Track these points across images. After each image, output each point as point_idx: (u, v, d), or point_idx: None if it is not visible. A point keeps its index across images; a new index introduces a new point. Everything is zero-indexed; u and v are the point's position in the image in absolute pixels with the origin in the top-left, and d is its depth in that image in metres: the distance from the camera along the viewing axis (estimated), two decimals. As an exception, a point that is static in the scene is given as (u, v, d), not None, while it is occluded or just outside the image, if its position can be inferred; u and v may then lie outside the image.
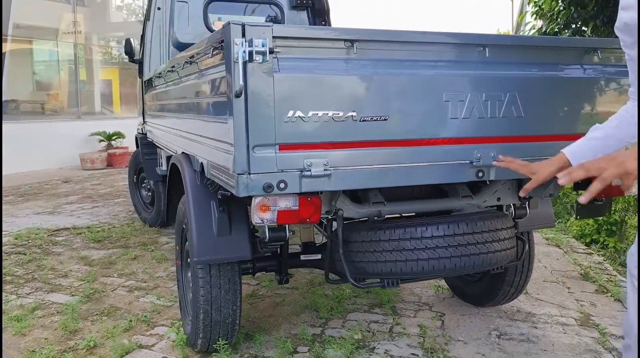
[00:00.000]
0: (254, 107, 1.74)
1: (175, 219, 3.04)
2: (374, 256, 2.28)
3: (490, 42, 2.06)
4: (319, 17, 5.42)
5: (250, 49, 1.68)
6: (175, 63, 2.70)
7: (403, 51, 1.95)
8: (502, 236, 2.34)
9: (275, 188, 1.81)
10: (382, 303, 3.47)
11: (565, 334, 3.06)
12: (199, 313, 2.57)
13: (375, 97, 1.90)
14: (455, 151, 2.04)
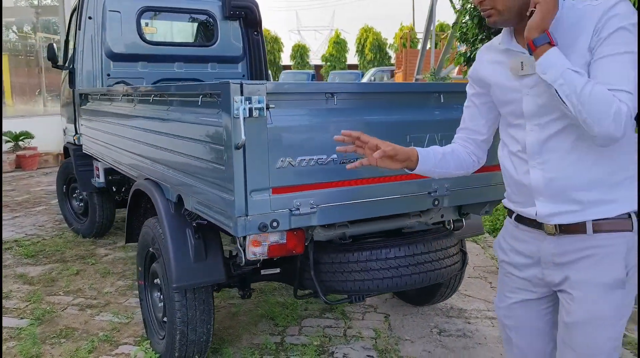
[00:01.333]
0: (252, 156, 1.94)
1: (139, 240, 3.14)
2: (343, 276, 2.55)
3: (445, 89, 2.38)
4: (251, 28, 5.57)
5: (250, 105, 1.87)
6: (146, 95, 2.78)
7: (374, 100, 2.22)
8: (451, 252, 2.70)
9: (269, 227, 2.02)
10: (332, 308, 3.76)
11: (494, 327, 3.51)
12: (175, 334, 2.72)
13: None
14: (417, 184, 2.34)
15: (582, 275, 1.53)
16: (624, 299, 1.53)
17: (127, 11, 5.04)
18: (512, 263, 1.73)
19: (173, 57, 5.34)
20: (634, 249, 1.52)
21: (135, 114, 3.00)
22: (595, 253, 1.52)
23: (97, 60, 4.97)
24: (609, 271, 1.51)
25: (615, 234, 1.51)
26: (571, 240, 1.54)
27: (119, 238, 5.47)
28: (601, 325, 1.53)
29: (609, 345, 1.54)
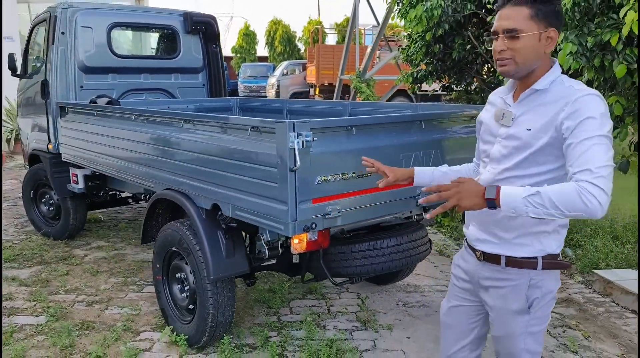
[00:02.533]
0: (300, 176, 2.59)
1: (158, 242, 3.65)
2: (347, 263, 3.27)
3: (425, 118, 3.15)
4: (210, 41, 6.08)
5: (303, 139, 2.53)
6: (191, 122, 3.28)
7: (380, 129, 2.95)
8: (424, 240, 3.51)
9: (310, 228, 2.69)
10: (312, 291, 4.46)
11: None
12: (207, 317, 3.30)
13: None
14: (407, 190, 3.09)
15: (495, 302, 1.99)
16: (530, 321, 1.94)
17: (98, 27, 5.38)
18: (456, 275, 2.20)
19: (140, 69, 5.74)
20: (536, 285, 1.91)
21: (166, 136, 3.50)
22: (504, 285, 1.94)
23: (70, 73, 5.27)
24: (513, 301, 1.94)
25: (521, 270, 1.90)
26: (491, 268, 1.97)
27: (92, 239, 5.81)
28: (513, 339, 1.98)
29: (522, 352, 1.98)
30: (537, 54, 1.82)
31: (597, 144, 1.66)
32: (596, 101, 1.74)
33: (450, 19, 4.19)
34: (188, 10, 5.98)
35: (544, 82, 1.85)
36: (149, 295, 4.36)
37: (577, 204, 1.60)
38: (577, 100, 1.74)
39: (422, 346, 3.58)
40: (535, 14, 1.79)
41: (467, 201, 1.73)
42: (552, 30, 1.82)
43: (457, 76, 4.76)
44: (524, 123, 1.87)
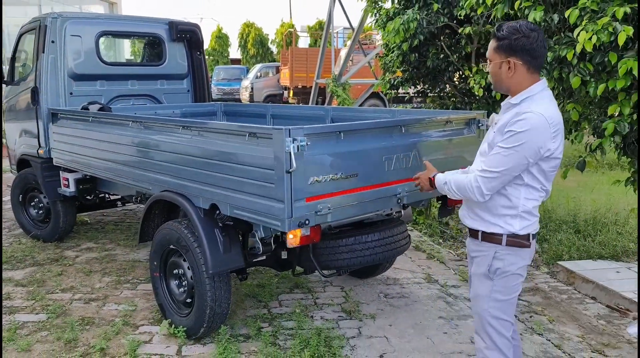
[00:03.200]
0: (296, 177, 2.87)
1: (155, 240, 3.88)
2: (335, 256, 3.57)
3: (405, 123, 3.47)
4: (194, 49, 6.32)
5: (297, 143, 2.81)
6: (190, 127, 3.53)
7: (365, 133, 3.25)
8: (405, 235, 3.83)
9: (304, 224, 2.97)
10: (298, 285, 4.74)
11: (421, 289, 4.72)
12: (205, 309, 3.55)
13: (351, 163, 3.16)
14: (389, 189, 3.40)
15: (473, 269, 2.54)
16: (493, 287, 2.44)
17: (86, 35, 5.56)
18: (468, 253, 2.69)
19: (127, 76, 5.94)
20: (499, 257, 2.40)
21: (166, 142, 3.73)
22: (479, 255, 2.48)
23: (60, 80, 5.45)
24: (481, 267, 2.47)
25: (490, 244, 2.42)
26: (474, 242, 2.51)
27: (81, 241, 5.98)
28: (480, 300, 2.50)
29: (486, 313, 2.47)
30: (501, 77, 2.36)
31: (502, 154, 2.26)
32: (530, 122, 2.20)
33: (425, 30, 4.52)
34: (173, 18, 6.20)
35: (518, 98, 2.33)
36: (143, 292, 4.58)
37: (467, 190, 2.38)
38: (521, 115, 2.24)
39: (403, 332, 3.89)
40: (498, 47, 2.33)
41: (423, 185, 2.71)
42: (510, 59, 2.30)
43: (431, 82, 5.11)
44: (495, 126, 2.42)
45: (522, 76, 2.31)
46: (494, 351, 2.51)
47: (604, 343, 3.82)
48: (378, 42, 11.92)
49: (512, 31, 2.29)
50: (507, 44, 2.29)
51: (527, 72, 2.31)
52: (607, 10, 2.67)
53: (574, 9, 2.81)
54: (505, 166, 2.26)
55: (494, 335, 2.50)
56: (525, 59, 2.29)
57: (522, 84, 2.32)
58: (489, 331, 2.51)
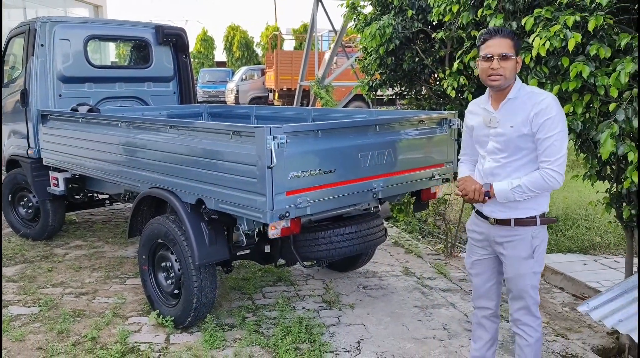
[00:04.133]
0: (276, 172, 3.09)
1: (144, 235, 4.07)
2: (315, 248, 3.79)
3: (379, 122, 3.71)
4: (180, 52, 6.51)
5: (278, 141, 3.03)
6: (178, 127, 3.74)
7: (343, 132, 3.48)
8: (380, 228, 4.07)
9: (284, 216, 3.19)
10: (281, 279, 4.96)
11: (399, 281, 4.95)
12: (192, 300, 3.75)
13: (329, 159, 3.38)
14: (364, 184, 3.63)
15: (508, 252, 2.71)
16: (535, 263, 2.70)
17: (75, 39, 5.73)
18: (473, 238, 2.91)
19: (115, 78, 6.12)
20: (537, 236, 2.67)
21: (154, 141, 3.93)
22: (514, 239, 2.68)
23: (49, 82, 5.61)
24: (522, 250, 2.68)
25: (525, 227, 2.65)
26: (503, 228, 2.70)
27: (70, 239, 6.14)
28: (522, 278, 2.72)
29: (528, 287, 2.73)
30: (514, 72, 2.62)
31: (556, 140, 2.51)
32: (552, 103, 2.54)
33: (400, 35, 4.75)
34: (160, 22, 6.39)
35: (514, 92, 2.63)
36: (132, 287, 4.76)
37: (544, 185, 2.55)
38: (540, 102, 2.54)
39: (380, 320, 4.12)
40: (514, 45, 2.59)
41: (469, 191, 2.71)
42: (519, 57, 2.63)
43: (408, 85, 5.35)
44: (507, 123, 2.63)
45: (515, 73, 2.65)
46: (528, 317, 2.82)
47: (567, 328, 4.08)
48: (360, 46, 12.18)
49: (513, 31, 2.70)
50: (519, 44, 2.63)
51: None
52: (559, 19, 2.93)
53: (530, 17, 3.07)
54: (565, 146, 2.55)
55: (531, 303, 2.79)
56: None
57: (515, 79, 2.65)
58: (529, 301, 2.78)
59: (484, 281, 2.97)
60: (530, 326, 2.84)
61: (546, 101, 2.54)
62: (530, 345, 2.85)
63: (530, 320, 2.83)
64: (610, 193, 3.61)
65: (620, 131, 2.95)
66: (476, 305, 3.07)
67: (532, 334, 2.84)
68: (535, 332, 2.85)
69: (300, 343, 3.72)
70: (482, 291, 3.00)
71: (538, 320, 2.85)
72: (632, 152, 2.94)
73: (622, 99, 2.94)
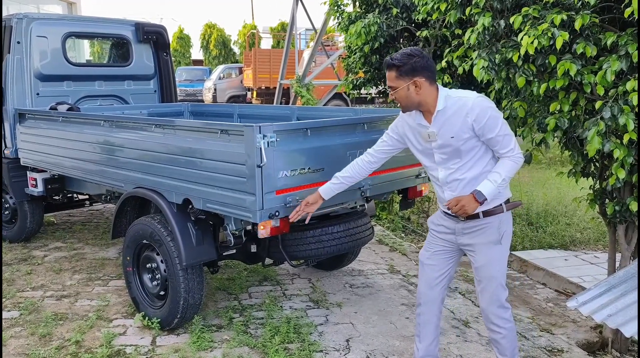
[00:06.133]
0: (266, 171, 3.06)
1: (129, 236, 4.00)
2: (303, 247, 3.77)
3: (367, 121, 3.70)
4: (161, 50, 6.43)
5: (268, 139, 3.00)
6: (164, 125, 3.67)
7: (331, 130, 3.47)
8: (368, 226, 4.07)
9: (274, 215, 3.17)
10: (267, 278, 4.93)
11: (385, 279, 4.96)
12: (179, 301, 3.70)
13: (318, 158, 3.36)
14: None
15: (477, 240, 2.81)
16: (502, 249, 2.82)
17: (52, 36, 5.61)
18: (436, 231, 2.99)
19: (94, 77, 6.01)
20: (504, 222, 2.79)
21: (138, 140, 3.86)
22: (482, 227, 2.78)
23: (26, 81, 5.48)
24: (490, 236, 2.79)
25: (493, 216, 2.77)
26: (471, 221, 2.79)
27: (49, 241, 6.01)
28: (492, 265, 2.82)
29: (498, 273, 2.83)
30: (410, 98, 2.71)
31: (504, 131, 2.65)
32: (483, 102, 2.65)
33: (385, 33, 4.77)
34: (139, 20, 6.29)
35: (440, 104, 2.69)
36: (115, 288, 4.68)
37: (516, 168, 2.70)
38: (472, 107, 2.62)
39: (368, 318, 4.12)
40: (399, 74, 2.69)
41: (471, 209, 2.70)
42: (415, 79, 2.66)
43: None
44: (446, 134, 2.71)
45: (427, 90, 2.69)
46: (498, 308, 2.89)
47: (551, 323, 4.13)
48: (340, 44, 12.19)
49: (406, 57, 2.67)
50: (408, 68, 2.66)
51: (430, 85, 2.70)
52: (547, 17, 2.96)
53: (518, 16, 3.09)
54: (509, 128, 2.70)
55: (501, 291, 2.87)
56: (427, 75, 2.69)
57: (430, 95, 2.70)
58: (498, 289, 2.86)
59: (436, 272, 3.03)
60: (502, 317, 2.90)
61: (476, 104, 2.62)
62: (505, 337, 2.92)
63: (501, 312, 2.90)
64: (594, 189, 3.66)
65: (606, 129, 2.99)
66: (423, 301, 3.09)
67: (504, 325, 2.91)
68: (507, 322, 2.92)
69: (289, 343, 3.70)
70: (433, 284, 3.04)
71: (508, 310, 2.92)
72: (618, 149, 2.98)
73: (608, 97, 2.98)
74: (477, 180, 2.73)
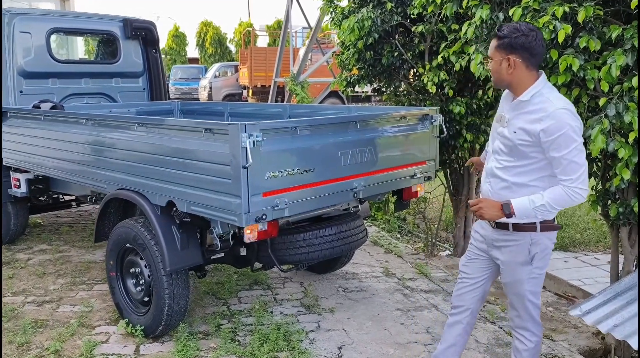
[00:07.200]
0: (252, 172, 2.89)
1: (112, 239, 3.84)
2: (293, 251, 3.60)
3: (359, 119, 3.54)
4: (150, 46, 6.25)
5: (254, 139, 2.84)
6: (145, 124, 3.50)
7: (321, 129, 3.30)
8: (361, 229, 3.90)
9: (261, 219, 3.00)
10: (258, 282, 4.76)
11: (379, 283, 4.80)
12: (163, 307, 3.54)
13: (307, 158, 3.19)
14: (345, 183, 3.45)
15: (505, 257, 2.63)
16: (532, 269, 2.58)
17: (37, 32, 5.43)
18: (474, 238, 2.83)
19: (80, 74, 5.83)
20: (537, 243, 2.54)
21: (121, 139, 3.70)
22: (512, 245, 2.58)
23: (9, 78, 5.30)
24: (518, 256, 2.58)
25: (524, 233, 2.53)
26: (502, 233, 2.60)
27: (34, 243, 5.83)
28: (520, 284, 2.63)
29: (526, 292, 2.63)
30: (501, 74, 2.49)
31: (574, 156, 2.34)
32: (564, 116, 2.34)
33: (379, 28, 4.59)
34: (128, 16, 6.11)
35: (527, 94, 2.45)
36: (99, 293, 4.51)
37: (569, 201, 2.40)
38: (551, 115, 2.34)
39: (361, 324, 3.96)
40: (498, 46, 2.47)
41: (487, 214, 2.53)
42: (510, 56, 2.43)
43: (387, 80, 5.19)
44: (512, 126, 2.50)
45: (521, 73, 2.45)
46: (528, 322, 2.72)
47: (552, 329, 3.98)
48: (336, 41, 12.06)
49: (512, 30, 2.43)
50: (507, 42, 2.43)
51: (526, 69, 2.44)
52: (548, 10, 2.80)
53: (517, 8, 2.93)
54: (584, 158, 2.39)
55: (531, 308, 2.69)
56: (524, 56, 2.43)
57: (522, 80, 2.46)
58: (528, 306, 2.68)
59: (470, 279, 2.88)
60: (530, 331, 2.75)
61: (556, 114, 2.34)
62: (528, 350, 2.76)
63: (530, 325, 2.74)
64: (597, 190, 3.51)
65: (611, 127, 2.83)
66: (453, 305, 2.97)
67: (531, 339, 2.75)
68: (535, 336, 2.76)
69: (278, 352, 3.54)
70: (463, 291, 2.90)
71: (538, 325, 2.75)
72: (623, 148, 2.83)
73: (612, 94, 2.82)
74: (518, 191, 2.51)
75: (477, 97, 4.62)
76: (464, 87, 4.78)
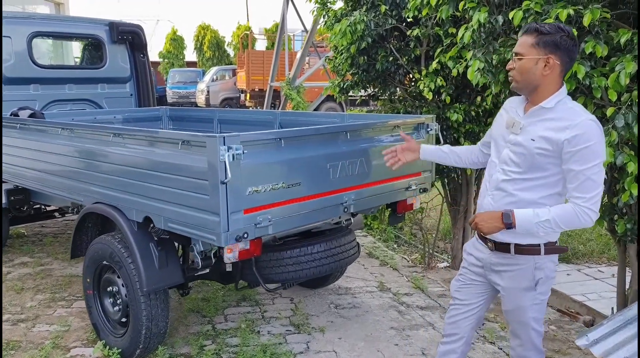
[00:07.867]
0: (232, 188, 2.67)
1: (88, 256, 3.62)
2: (279, 269, 3.39)
3: (350, 129, 3.32)
4: (137, 51, 6.03)
5: (233, 152, 2.62)
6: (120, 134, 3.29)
7: (307, 140, 3.08)
8: (353, 245, 3.68)
9: (242, 238, 2.78)
10: (246, 298, 4.54)
11: (373, 298, 4.58)
12: (141, 330, 3.31)
13: (293, 171, 2.98)
14: (334, 197, 3.24)
15: (506, 282, 2.39)
16: (536, 295, 2.35)
17: (17, 36, 5.22)
18: (468, 261, 2.58)
19: (64, 80, 5.62)
20: (541, 267, 2.32)
21: (95, 150, 3.48)
22: (514, 269, 2.35)
23: (-10, 85, 5.09)
24: (521, 282, 2.35)
25: (527, 256, 2.31)
26: (502, 256, 2.36)
27: (15, 255, 5.61)
28: (523, 311, 2.40)
29: (529, 319, 2.40)
30: (532, 74, 2.19)
31: (593, 174, 2.12)
32: (592, 128, 2.13)
33: (373, 32, 4.38)
34: (114, 19, 5.91)
35: (551, 101, 2.21)
36: (79, 310, 4.29)
37: (576, 222, 2.17)
38: (578, 125, 2.12)
39: (353, 345, 3.74)
40: (537, 43, 2.16)
41: (486, 227, 2.31)
42: (551, 57, 2.16)
43: (382, 86, 4.98)
44: (529, 134, 2.24)
45: (555, 77, 2.21)
46: (531, 351, 2.51)
47: (555, 350, 3.76)
48: (329, 46, 11.87)
49: (556, 29, 2.17)
50: (550, 40, 2.15)
51: (559, 74, 2.22)
52: (551, 12, 2.59)
53: (518, 11, 2.71)
54: (602, 179, 2.17)
55: (535, 336, 2.48)
56: (565, 60, 2.19)
57: (551, 85, 2.21)
58: (531, 334, 2.47)
59: (465, 310, 2.62)
60: None
61: (585, 125, 2.12)
62: None
63: (533, 355, 2.52)
64: (603, 204, 3.29)
65: (619, 139, 2.62)
66: (445, 332, 2.70)
67: None
68: None
69: (263, 377, 3.32)
70: (457, 318, 2.64)
71: (541, 354, 2.53)
72: (632, 162, 2.61)
73: (621, 103, 2.61)
74: (516, 197, 2.31)
75: (475, 104, 4.41)
76: (462, 94, 4.56)
